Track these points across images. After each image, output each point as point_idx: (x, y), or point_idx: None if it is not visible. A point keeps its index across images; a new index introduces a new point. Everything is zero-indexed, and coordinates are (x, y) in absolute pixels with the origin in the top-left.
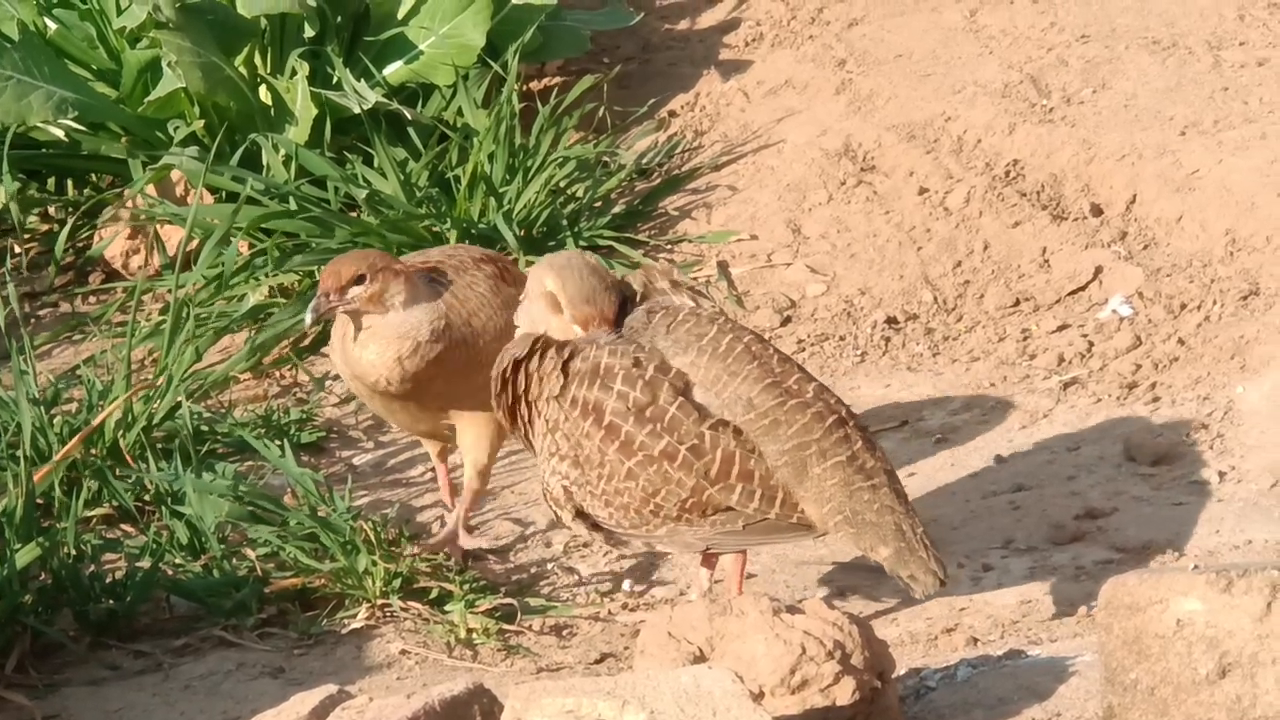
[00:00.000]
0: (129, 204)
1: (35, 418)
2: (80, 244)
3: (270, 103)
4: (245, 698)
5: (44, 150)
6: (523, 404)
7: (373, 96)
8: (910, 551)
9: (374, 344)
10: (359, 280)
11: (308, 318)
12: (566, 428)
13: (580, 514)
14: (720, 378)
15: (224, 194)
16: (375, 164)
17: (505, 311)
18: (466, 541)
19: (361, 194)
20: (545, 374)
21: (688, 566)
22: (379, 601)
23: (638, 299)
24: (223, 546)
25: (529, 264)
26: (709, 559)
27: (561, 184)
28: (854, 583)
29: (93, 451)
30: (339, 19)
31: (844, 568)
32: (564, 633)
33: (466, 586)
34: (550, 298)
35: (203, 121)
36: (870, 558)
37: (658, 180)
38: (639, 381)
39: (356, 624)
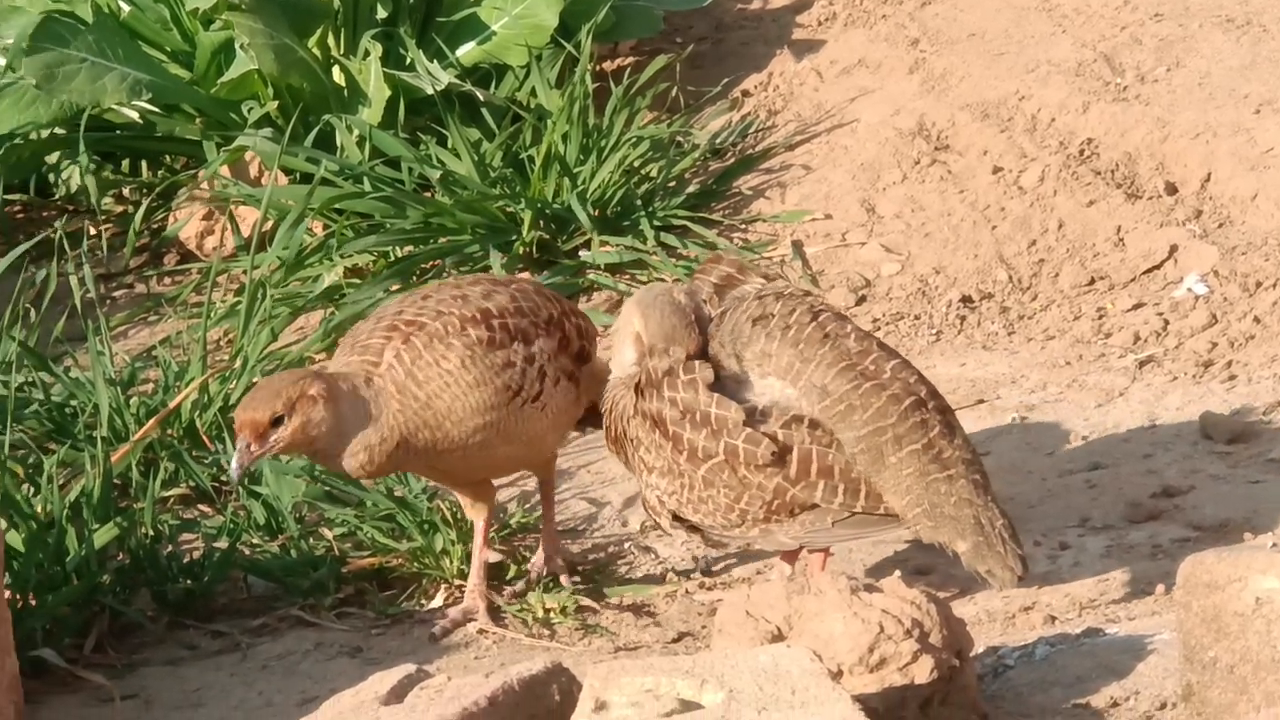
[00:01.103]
0: (203, 185)
1: (112, 399)
2: (155, 225)
3: (343, 84)
4: (323, 677)
5: (118, 132)
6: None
7: (446, 77)
8: (989, 546)
9: (329, 464)
10: (276, 422)
11: (233, 474)
12: (647, 442)
13: (677, 518)
14: (793, 365)
15: (298, 175)
16: (449, 144)
17: (489, 383)
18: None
19: (435, 174)
20: (622, 396)
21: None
22: (456, 581)
23: (714, 301)
24: (300, 526)
25: (603, 244)
26: (790, 554)
27: (635, 164)
28: (931, 561)
29: (169, 432)
30: (411, 0)
31: (921, 546)
32: (642, 612)
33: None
34: (638, 337)
35: (276, 103)
36: (947, 551)
37: (731, 160)
38: (678, 382)
39: (434, 603)
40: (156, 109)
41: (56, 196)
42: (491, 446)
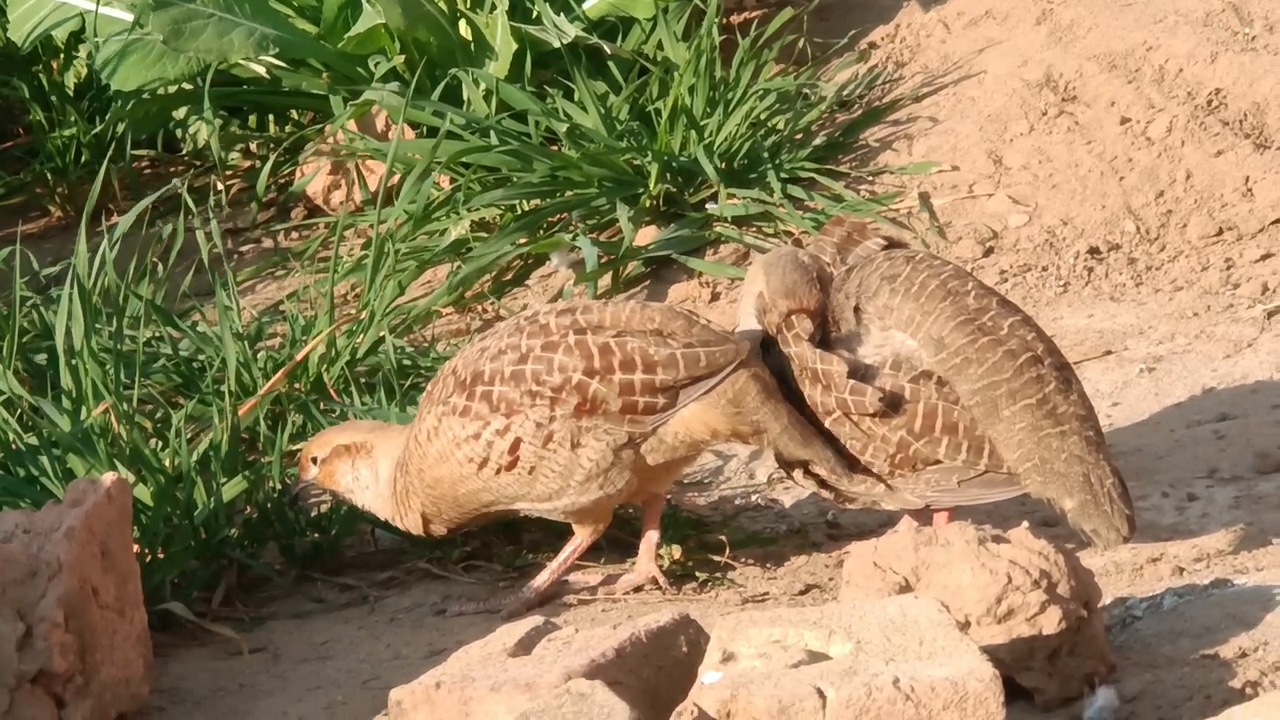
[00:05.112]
0: (330, 140)
1: (239, 353)
2: (282, 180)
3: (470, 38)
4: (451, 630)
5: (245, 87)
6: None
7: (572, 30)
8: (1095, 505)
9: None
10: (314, 461)
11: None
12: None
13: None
14: (913, 318)
15: (424, 129)
16: (575, 98)
17: (449, 457)
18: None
19: (562, 128)
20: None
21: None
22: None
23: (836, 261)
24: None
25: (729, 197)
26: (916, 513)
27: (762, 116)
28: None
29: (297, 386)
30: None
31: None
32: (768, 564)
33: (671, 519)
34: (760, 295)
35: (403, 57)
36: (1054, 507)
37: (858, 112)
38: (789, 338)
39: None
40: (283, 64)
41: (183, 152)
42: (504, 502)
